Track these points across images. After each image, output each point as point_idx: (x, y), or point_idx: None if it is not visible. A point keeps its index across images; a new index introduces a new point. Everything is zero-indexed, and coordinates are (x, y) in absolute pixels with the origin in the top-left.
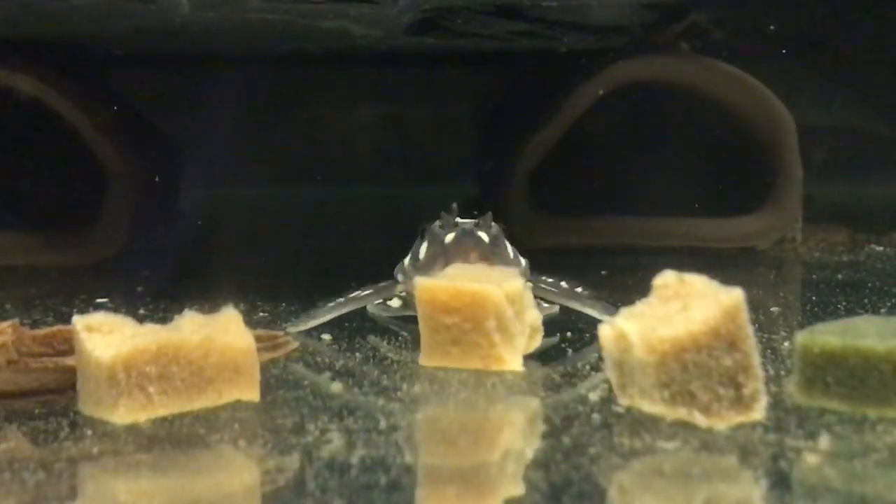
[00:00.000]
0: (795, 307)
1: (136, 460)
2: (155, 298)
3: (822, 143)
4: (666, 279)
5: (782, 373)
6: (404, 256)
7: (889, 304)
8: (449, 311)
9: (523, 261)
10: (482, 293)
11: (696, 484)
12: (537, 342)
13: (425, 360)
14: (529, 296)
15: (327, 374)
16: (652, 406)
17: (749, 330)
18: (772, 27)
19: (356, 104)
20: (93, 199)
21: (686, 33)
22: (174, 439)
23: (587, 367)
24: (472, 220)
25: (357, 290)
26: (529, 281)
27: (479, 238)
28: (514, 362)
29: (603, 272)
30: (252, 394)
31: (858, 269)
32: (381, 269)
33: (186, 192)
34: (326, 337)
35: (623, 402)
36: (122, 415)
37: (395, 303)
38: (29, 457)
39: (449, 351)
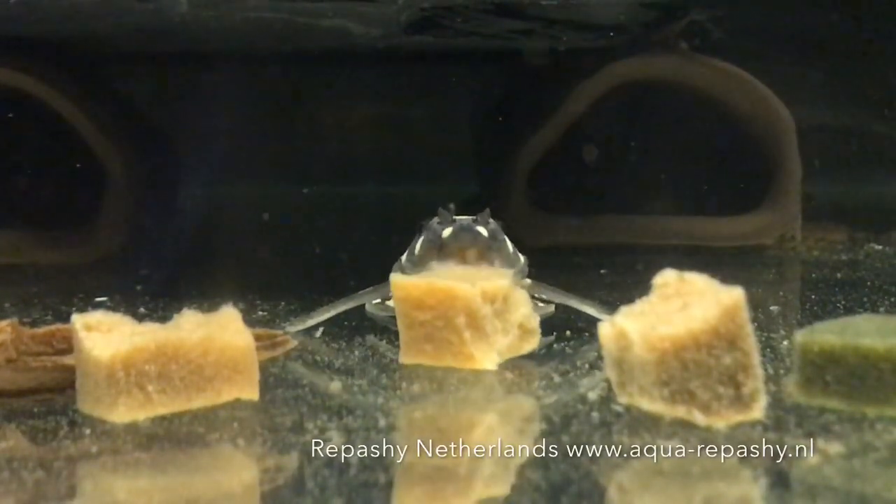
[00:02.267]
0: (795, 306)
1: (135, 459)
2: (154, 297)
3: (821, 142)
4: (666, 278)
5: (782, 371)
6: (403, 255)
7: (888, 302)
8: (422, 307)
9: (522, 258)
10: (453, 290)
11: (696, 483)
12: (532, 345)
13: (404, 357)
14: (523, 296)
15: (326, 373)
16: (651, 404)
17: (749, 329)
18: (772, 26)
19: (355, 103)
20: (92, 198)
21: (685, 32)
22: (173, 438)
23: (586, 365)
24: (471, 217)
25: (356, 289)
26: (527, 279)
27: (478, 233)
28: (486, 360)
29: (602, 271)
30: (251, 392)
31: (858, 267)
32: (380, 269)
33: (185, 190)
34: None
35: (622, 400)
36: (121, 413)
37: (393, 302)
38: (28, 455)
39: (423, 348)
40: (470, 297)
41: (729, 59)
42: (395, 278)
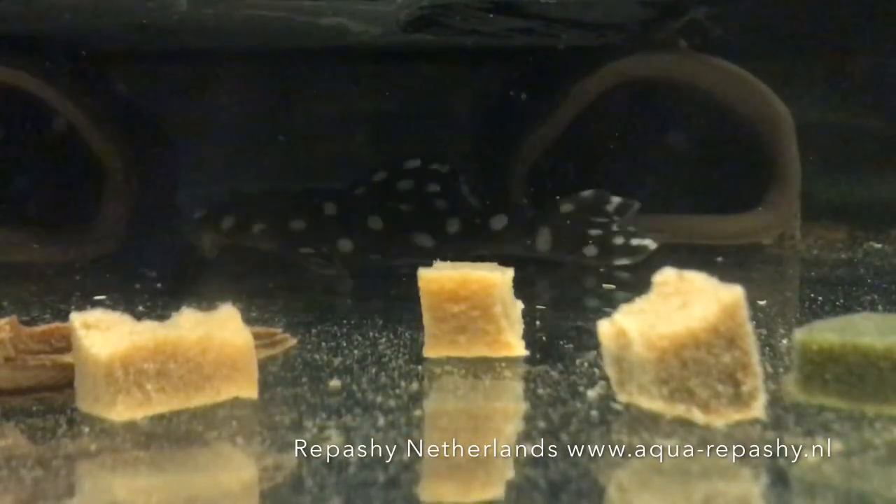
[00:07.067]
0: (794, 304)
1: (134, 457)
2: (153, 296)
3: (821, 142)
4: (666, 276)
5: (781, 370)
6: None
7: (887, 301)
8: (456, 299)
9: None
10: (489, 279)
11: (695, 481)
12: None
13: (430, 350)
14: None
15: (325, 372)
16: (651, 403)
17: (748, 327)
18: (772, 25)
19: (354, 101)
20: (91, 197)
21: (684, 30)
22: (172, 436)
23: (586, 363)
24: None
25: (356, 288)
26: None
27: None
28: (519, 347)
29: (602, 270)
30: (250, 391)
31: (857, 266)
32: (380, 268)
33: (184, 188)
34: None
35: (622, 398)
36: (119, 412)
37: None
38: (27, 454)
39: (455, 340)
40: (504, 285)
41: (729, 58)
42: (424, 272)
